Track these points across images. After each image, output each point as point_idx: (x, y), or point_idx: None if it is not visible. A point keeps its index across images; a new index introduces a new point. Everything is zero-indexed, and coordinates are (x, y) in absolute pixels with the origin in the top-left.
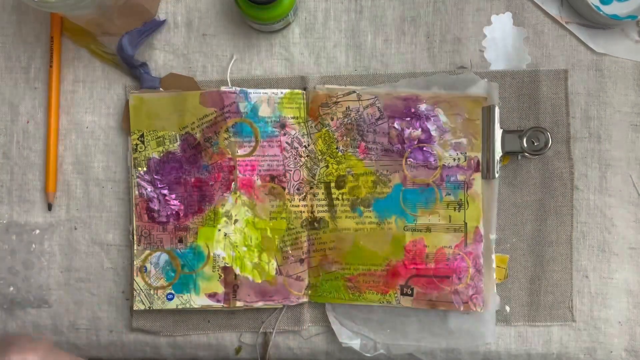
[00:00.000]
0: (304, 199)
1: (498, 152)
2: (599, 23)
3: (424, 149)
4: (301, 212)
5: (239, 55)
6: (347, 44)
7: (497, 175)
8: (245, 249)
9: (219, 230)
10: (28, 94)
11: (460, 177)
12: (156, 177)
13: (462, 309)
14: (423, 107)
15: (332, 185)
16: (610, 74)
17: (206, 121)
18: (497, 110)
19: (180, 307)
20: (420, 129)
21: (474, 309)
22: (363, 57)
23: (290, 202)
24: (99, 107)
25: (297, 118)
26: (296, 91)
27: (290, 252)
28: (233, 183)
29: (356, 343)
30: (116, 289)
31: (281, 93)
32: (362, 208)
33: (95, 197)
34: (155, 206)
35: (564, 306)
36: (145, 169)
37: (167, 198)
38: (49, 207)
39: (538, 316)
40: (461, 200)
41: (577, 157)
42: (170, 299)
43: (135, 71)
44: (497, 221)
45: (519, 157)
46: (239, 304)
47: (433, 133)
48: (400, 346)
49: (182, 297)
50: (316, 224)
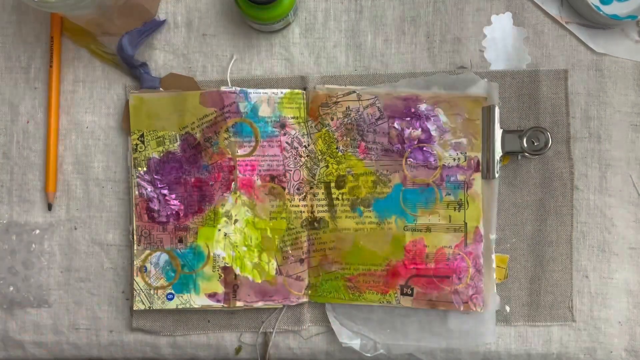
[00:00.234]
0: (304, 199)
1: (498, 152)
2: (599, 23)
3: (424, 149)
4: (301, 212)
5: (239, 55)
6: (347, 44)
7: (497, 175)
8: (245, 249)
9: (219, 230)
10: (28, 94)
11: (460, 177)
12: (156, 177)
13: (462, 309)
14: (423, 107)
15: (332, 185)
16: (610, 74)
17: (206, 121)
18: (497, 110)
19: (180, 307)
20: (420, 129)
21: (474, 309)
22: (363, 57)
23: (290, 202)
24: (99, 107)
25: (297, 118)
26: (296, 91)
27: (290, 252)
28: (233, 183)
29: (356, 343)
30: (116, 289)
31: (281, 93)
32: (362, 208)
33: (95, 197)
34: (155, 206)
35: (564, 306)
36: (145, 169)
37: (167, 198)
38: (49, 207)
39: (538, 316)
40: (461, 200)
41: (577, 157)
42: (170, 299)
43: (135, 71)
44: (497, 221)
45: (519, 157)
46: (239, 304)
47: (433, 133)
48: (400, 346)
49: (182, 297)
50: (316, 224)
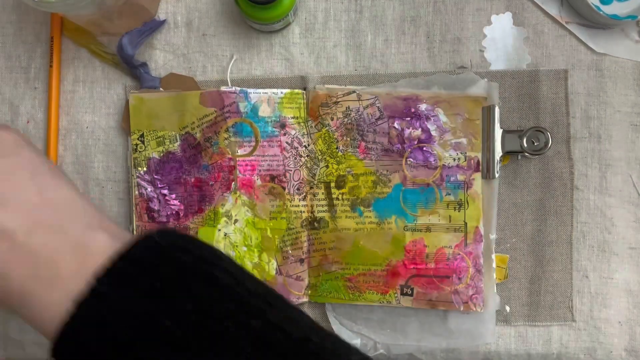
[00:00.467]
0: (304, 199)
1: (498, 152)
2: (599, 23)
3: (424, 149)
4: (301, 212)
5: (239, 55)
6: (347, 44)
7: (497, 175)
8: (245, 249)
9: (219, 230)
10: (28, 94)
11: (460, 177)
12: (156, 177)
13: (462, 309)
14: (423, 107)
15: (332, 185)
16: (610, 74)
17: (206, 121)
18: (497, 110)
19: None
20: (420, 129)
21: (474, 309)
22: (363, 57)
23: (290, 202)
24: (99, 107)
25: (297, 118)
26: (296, 91)
27: (290, 252)
28: (233, 183)
29: (356, 343)
30: None
31: (281, 93)
32: (362, 208)
33: (95, 197)
34: (155, 206)
35: (564, 306)
36: (145, 169)
37: (167, 198)
38: None
39: (538, 316)
40: (461, 200)
41: (577, 157)
42: None
43: (135, 71)
44: (497, 221)
45: (519, 157)
46: None
47: (433, 133)
48: (400, 346)
49: None
50: (316, 224)
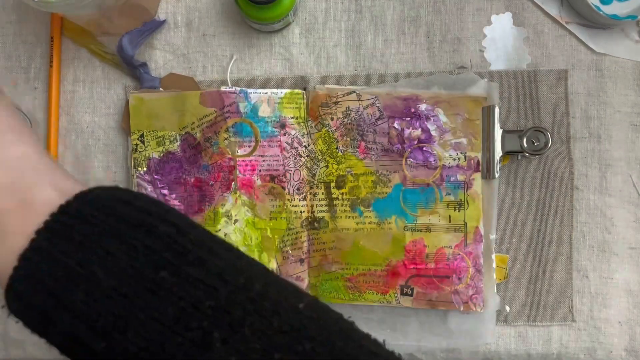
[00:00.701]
0: (304, 199)
1: (498, 152)
2: (599, 23)
3: (424, 149)
4: (301, 212)
5: (239, 55)
6: (347, 44)
7: (497, 175)
8: (245, 249)
9: (219, 230)
10: (28, 94)
11: (460, 177)
12: (156, 177)
13: (462, 309)
14: (423, 107)
15: (332, 185)
16: (610, 74)
17: (206, 121)
18: (497, 110)
19: None
20: (420, 129)
21: (474, 309)
22: (363, 57)
23: (290, 202)
24: (99, 107)
25: (297, 118)
26: (296, 91)
27: (290, 252)
28: (233, 183)
29: None
30: None
31: (281, 93)
32: (362, 208)
33: None
34: None
35: (564, 306)
36: (145, 169)
37: (167, 198)
38: None
39: (538, 316)
40: (461, 200)
41: (577, 157)
42: None
43: (135, 71)
44: (497, 221)
45: (519, 157)
46: None
47: (433, 133)
48: (400, 346)
49: None
50: (316, 224)
